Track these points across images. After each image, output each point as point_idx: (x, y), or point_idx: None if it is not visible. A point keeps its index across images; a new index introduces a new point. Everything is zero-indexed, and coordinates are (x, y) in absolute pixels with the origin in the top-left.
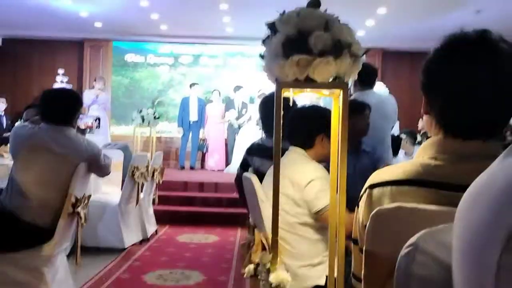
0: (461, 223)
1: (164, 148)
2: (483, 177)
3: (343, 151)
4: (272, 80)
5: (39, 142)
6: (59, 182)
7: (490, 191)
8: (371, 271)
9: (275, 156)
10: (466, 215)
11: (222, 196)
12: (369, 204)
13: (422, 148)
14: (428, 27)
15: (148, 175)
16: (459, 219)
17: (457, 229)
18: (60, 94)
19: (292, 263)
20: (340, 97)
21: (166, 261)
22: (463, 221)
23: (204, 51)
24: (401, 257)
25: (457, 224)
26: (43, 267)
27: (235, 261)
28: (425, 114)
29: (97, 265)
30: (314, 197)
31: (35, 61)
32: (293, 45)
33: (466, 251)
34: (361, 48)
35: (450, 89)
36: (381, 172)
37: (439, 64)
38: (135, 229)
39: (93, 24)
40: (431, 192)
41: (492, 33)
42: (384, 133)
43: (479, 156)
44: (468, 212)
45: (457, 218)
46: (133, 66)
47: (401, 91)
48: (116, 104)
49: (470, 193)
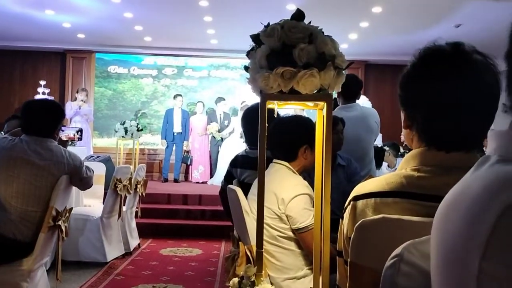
0: (437, 233)
1: (147, 160)
2: (457, 188)
3: (327, 162)
4: (256, 92)
5: (20, 154)
6: (40, 195)
7: (464, 201)
8: (356, 283)
9: (259, 168)
10: (442, 226)
11: (206, 208)
12: (353, 216)
13: (405, 160)
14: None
15: (131, 187)
16: (435, 229)
17: (433, 240)
18: (41, 106)
19: (277, 276)
20: (324, 109)
21: (149, 275)
22: (439, 231)
23: (188, 62)
24: (386, 268)
25: (434, 234)
26: (22, 282)
27: (219, 274)
28: (405, 128)
29: (79, 280)
30: (297, 214)
31: (16, 72)
32: (278, 57)
33: (444, 261)
34: (345, 61)
35: (430, 104)
36: (365, 184)
37: (416, 79)
38: (118, 243)
39: (76, 35)
40: (415, 203)
41: (465, 45)
42: (368, 146)
43: (461, 167)
44: (444, 222)
45: (434, 228)
46: (116, 78)
47: (383, 104)
48: (98, 115)
49: (445, 203)
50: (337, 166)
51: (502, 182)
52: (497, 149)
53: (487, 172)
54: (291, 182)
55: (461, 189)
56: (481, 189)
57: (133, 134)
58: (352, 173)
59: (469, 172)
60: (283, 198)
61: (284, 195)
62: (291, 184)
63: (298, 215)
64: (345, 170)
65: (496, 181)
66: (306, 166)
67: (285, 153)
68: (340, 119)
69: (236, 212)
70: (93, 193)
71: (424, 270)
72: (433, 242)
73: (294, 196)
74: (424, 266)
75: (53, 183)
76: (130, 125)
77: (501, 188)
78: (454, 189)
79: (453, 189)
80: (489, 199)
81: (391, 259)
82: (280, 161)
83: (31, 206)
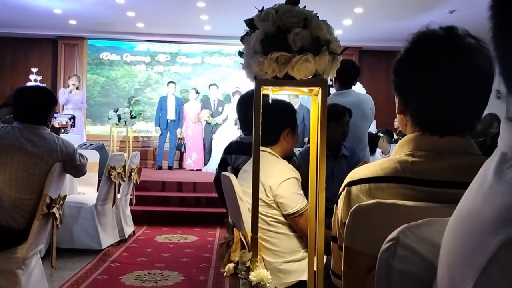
0: (446, 246)
1: (141, 148)
2: (469, 203)
3: (322, 148)
4: (251, 77)
5: (12, 141)
6: (33, 182)
7: (475, 223)
8: (350, 268)
9: (254, 153)
10: (450, 240)
11: (200, 195)
12: (348, 202)
13: (399, 145)
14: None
15: (125, 175)
16: (445, 242)
17: (443, 249)
18: (33, 92)
19: (274, 261)
20: (319, 95)
21: (144, 261)
22: (448, 245)
23: (182, 49)
24: (382, 252)
25: (443, 245)
26: (17, 269)
27: (214, 261)
28: (399, 113)
29: (73, 267)
30: (287, 200)
31: (7, 59)
32: (272, 42)
33: (450, 275)
34: (340, 46)
35: (423, 88)
36: (359, 170)
37: (410, 64)
38: (112, 230)
39: (67, 21)
40: (409, 188)
41: (458, 29)
42: (362, 132)
43: (455, 152)
44: (452, 237)
45: (444, 240)
46: (109, 65)
47: (377, 90)
48: (91, 103)
49: (457, 217)
50: (340, 156)
51: None
52: None
53: (505, 195)
54: (276, 168)
55: (474, 208)
56: (494, 218)
57: (126, 121)
58: (355, 164)
59: (490, 173)
60: (270, 186)
61: (271, 182)
62: (277, 170)
63: (289, 201)
64: (348, 160)
65: None
66: (287, 150)
67: (268, 137)
68: (348, 110)
69: (230, 198)
70: (87, 181)
71: (419, 253)
72: (443, 250)
73: (281, 182)
74: (419, 249)
75: (46, 171)
76: (124, 113)
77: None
78: (467, 203)
79: (466, 203)
80: (499, 229)
81: (387, 242)
82: (263, 147)
83: (24, 194)
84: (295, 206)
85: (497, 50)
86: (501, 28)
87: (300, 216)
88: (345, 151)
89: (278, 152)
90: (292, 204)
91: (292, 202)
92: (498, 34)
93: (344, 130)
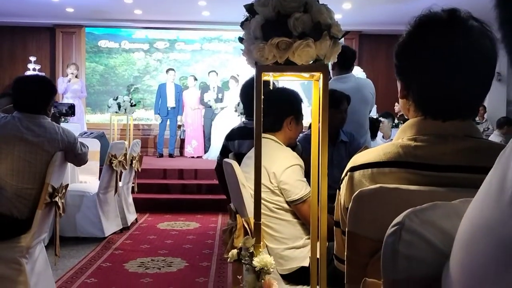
0: (461, 253)
1: (141, 135)
2: (485, 215)
3: (324, 134)
4: (251, 64)
5: (12, 131)
6: (35, 172)
7: (491, 239)
8: (354, 252)
9: (256, 139)
10: (465, 257)
11: (202, 182)
12: (350, 187)
13: (401, 129)
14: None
15: (126, 163)
16: (459, 248)
17: (457, 255)
18: (33, 81)
19: (276, 247)
20: (320, 80)
21: (147, 249)
22: (463, 252)
23: (180, 36)
24: (387, 236)
25: (458, 252)
26: (21, 258)
27: (216, 247)
28: (402, 98)
29: (77, 255)
30: (291, 187)
31: (5, 48)
32: (272, 28)
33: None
34: (341, 30)
35: (426, 72)
36: (361, 155)
37: (412, 47)
38: (115, 218)
39: (64, 9)
40: (412, 173)
41: (461, 12)
42: (363, 117)
43: (458, 136)
44: (469, 246)
45: (456, 245)
46: (107, 53)
47: (377, 74)
48: (90, 91)
49: (470, 231)
50: (339, 142)
51: None
52: None
53: None
54: (279, 155)
55: (491, 222)
56: None
57: (126, 109)
58: (354, 150)
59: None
60: (274, 172)
61: (275, 169)
62: (280, 157)
63: (292, 187)
64: (347, 146)
65: None
66: (291, 138)
67: (271, 124)
68: (346, 97)
69: (233, 185)
70: (88, 170)
71: (425, 237)
72: (458, 256)
73: (285, 168)
74: (425, 233)
75: (48, 160)
76: (123, 101)
77: None
78: (487, 207)
79: (480, 210)
80: None
81: (392, 227)
82: (267, 134)
83: (26, 183)
84: (299, 192)
85: (502, 29)
86: (507, 4)
87: (303, 203)
88: (343, 137)
89: (282, 140)
90: (295, 190)
91: (295, 188)
92: (503, 12)
93: (342, 117)
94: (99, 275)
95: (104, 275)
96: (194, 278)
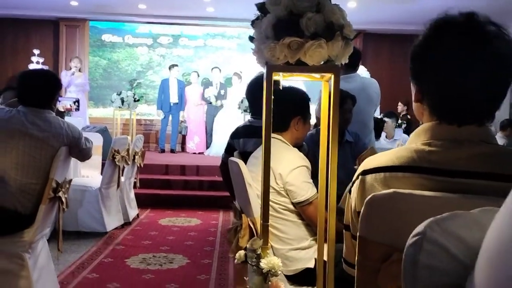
0: (488, 266)
1: (143, 131)
2: None
3: (334, 135)
4: (261, 63)
5: (17, 125)
6: (39, 167)
7: None
8: (365, 257)
9: (265, 141)
10: (494, 263)
11: (203, 179)
12: (362, 190)
13: (415, 134)
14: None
15: (129, 158)
16: (485, 261)
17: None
18: (38, 76)
19: (281, 247)
20: (331, 82)
21: (149, 244)
22: (490, 266)
23: (184, 31)
24: (408, 246)
25: (484, 265)
26: (24, 253)
27: (218, 244)
28: (416, 102)
29: (79, 249)
30: (297, 188)
31: (8, 40)
32: (284, 27)
33: None
34: (353, 31)
35: (442, 76)
36: (374, 158)
37: (428, 51)
38: (117, 213)
39: (68, 2)
40: (426, 178)
41: (479, 15)
42: (368, 117)
43: (473, 141)
44: (497, 260)
45: (483, 258)
46: (110, 47)
47: (381, 74)
48: (93, 85)
49: (499, 239)
50: (344, 143)
51: None
52: None
53: None
54: (286, 156)
55: None
56: None
57: (129, 104)
58: (360, 151)
59: None
60: (280, 173)
61: (281, 170)
62: (287, 158)
63: (298, 189)
64: (353, 147)
65: None
66: (298, 138)
67: (277, 124)
68: (351, 96)
69: (239, 184)
70: (90, 164)
71: (446, 247)
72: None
73: (291, 169)
74: (446, 244)
75: (52, 155)
76: (127, 96)
77: None
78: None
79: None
80: None
81: (413, 236)
82: (273, 134)
83: (31, 178)
84: (305, 194)
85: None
86: None
87: (309, 205)
88: (348, 137)
89: (288, 140)
90: (301, 192)
91: (301, 190)
92: None
93: (347, 117)
94: (100, 271)
95: (106, 271)
96: (196, 276)
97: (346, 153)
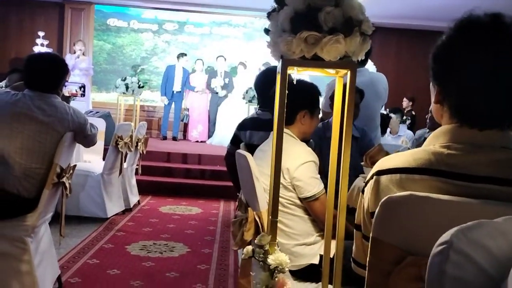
0: None
1: (146, 117)
2: None
3: (348, 133)
4: (276, 56)
5: (23, 109)
6: (44, 151)
7: None
8: (377, 259)
9: (277, 138)
10: None
11: (205, 168)
12: (376, 191)
13: (434, 136)
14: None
15: (132, 145)
16: None
17: None
18: (46, 60)
19: (286, 242)
20: (347, 77)
21: (149, 231)
22: None
23: (190, 18)
24: (434, 255)
25: None
26: (26, 237)
27: (218, 234)
28: (436, 103)
29: (80, 234)
30: (304, 184)
31: (12, 21)
32: (302, 21)
33: None
34: (371, 26)
35: (466, 78)
36: (389, 159)
37: (452, 51)
38: (118, 199)
39: None
40: (444, 182)
41: (505, 17)
42: (375, 112)
43: (494, 146)
44: None
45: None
46: (115, 31)
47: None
48: (97, 70)
49: None
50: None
51: None
52: None
53: None
54: (294, 150)
55: None
56: None
57: (134, 90)
58: (366, 146)
59: None
60: (288, 168)
61: (289, 165)
62: (295, 152)
63: (306, 184)
64: (358, 142)
65: None
66: (305, 133)
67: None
68: (359, 90)
69: (246, 177)
70: (93, 149)
71: (474, 259)
72: None
73: (299, 165)
74: (472, 254)
75: (57, 140)
76: (131, 82)
77: None
78: None
79: None
80: None
81: (439, 245)
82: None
83: (35, 162)
84: (312, 190)
85: None
86: None
87: (316, 200)
88: (355, 132)
89: (296, 134)
90: (308, 187)
91: (308, 185)
92: None
93: (354, 112)
94: (101, 256)
95: (106, 257)
96: (196, 265)
97: (351, 148)
